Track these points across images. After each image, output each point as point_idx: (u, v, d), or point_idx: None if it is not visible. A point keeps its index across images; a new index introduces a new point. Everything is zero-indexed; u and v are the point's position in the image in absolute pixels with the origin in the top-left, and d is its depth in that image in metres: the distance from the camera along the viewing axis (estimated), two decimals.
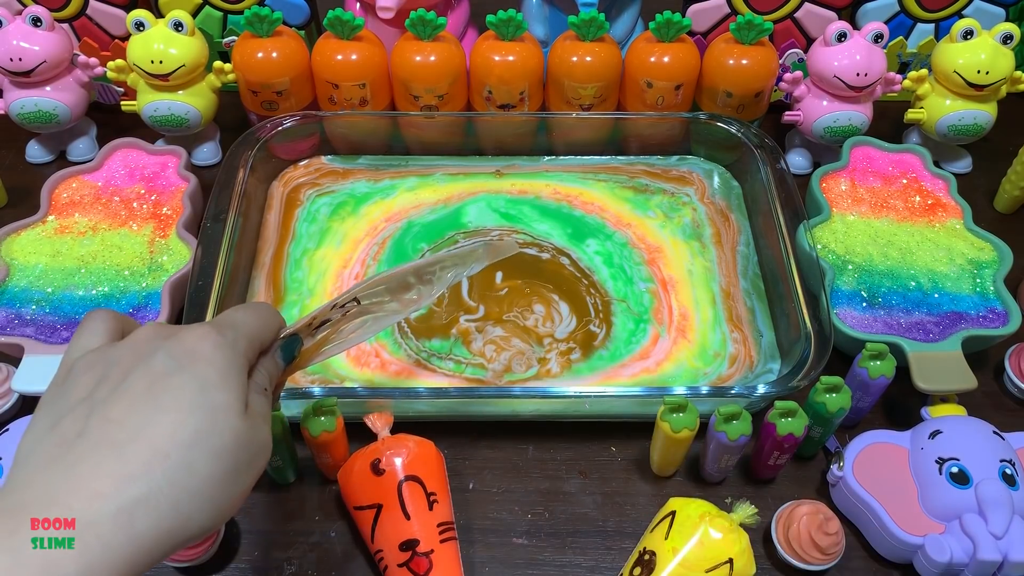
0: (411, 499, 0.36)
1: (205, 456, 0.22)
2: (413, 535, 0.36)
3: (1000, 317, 0.45)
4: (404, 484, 0.36)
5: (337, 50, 0.53)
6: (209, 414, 0.23)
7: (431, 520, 0.36)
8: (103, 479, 0.21)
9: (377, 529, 0.36)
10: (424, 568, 0.35)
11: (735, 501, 0.36)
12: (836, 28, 0.53)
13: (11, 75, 0.53)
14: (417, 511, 0.36)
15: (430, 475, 0.37)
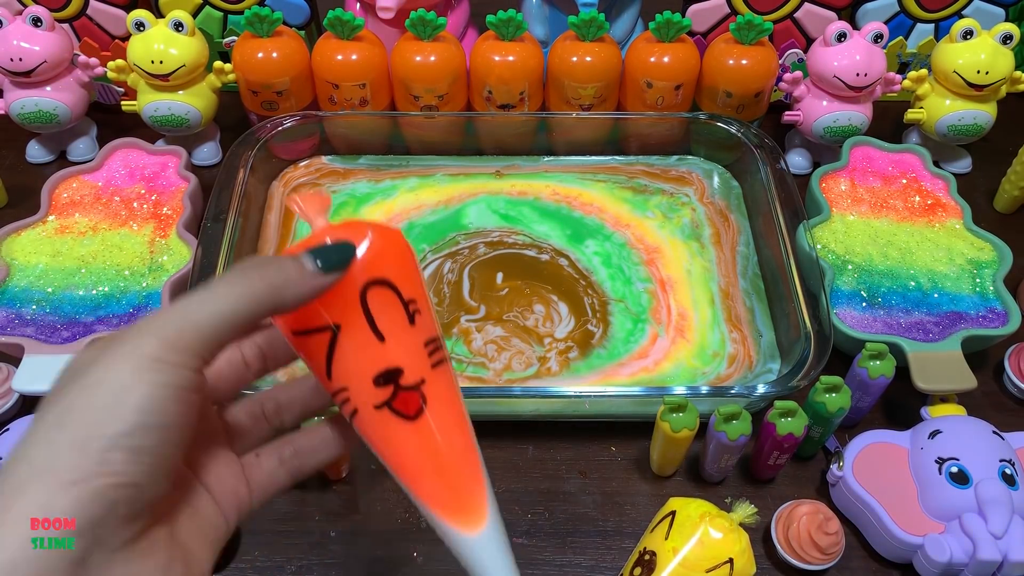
0: (383, 312, 0.23)
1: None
2: (392, 363, 0.23)
3: (1000, 317, 0.45)
4: (369, 291, 0.23)
5: (337, 50, 0.53)
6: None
7: (414, 338, 0.24)
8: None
9: (336, 360, 0.23)
10: (415, 406, 0.24)
11: (735, 501, 0.36)
12: (836, 28, 0.53)
13: (11, 75, 0.53)
14: (394, 328, 0.23)
15: (403, 275, 0.24)
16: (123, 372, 0.18)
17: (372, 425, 0.24)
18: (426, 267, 0.50)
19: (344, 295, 0.23)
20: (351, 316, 0.23)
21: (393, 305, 0.24)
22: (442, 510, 0.24)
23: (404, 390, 0.24)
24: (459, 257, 0.51)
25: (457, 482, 0.24)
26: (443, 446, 0.24)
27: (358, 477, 0.43)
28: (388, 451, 0.24)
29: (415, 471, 0.24)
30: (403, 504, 0.42)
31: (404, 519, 0.41)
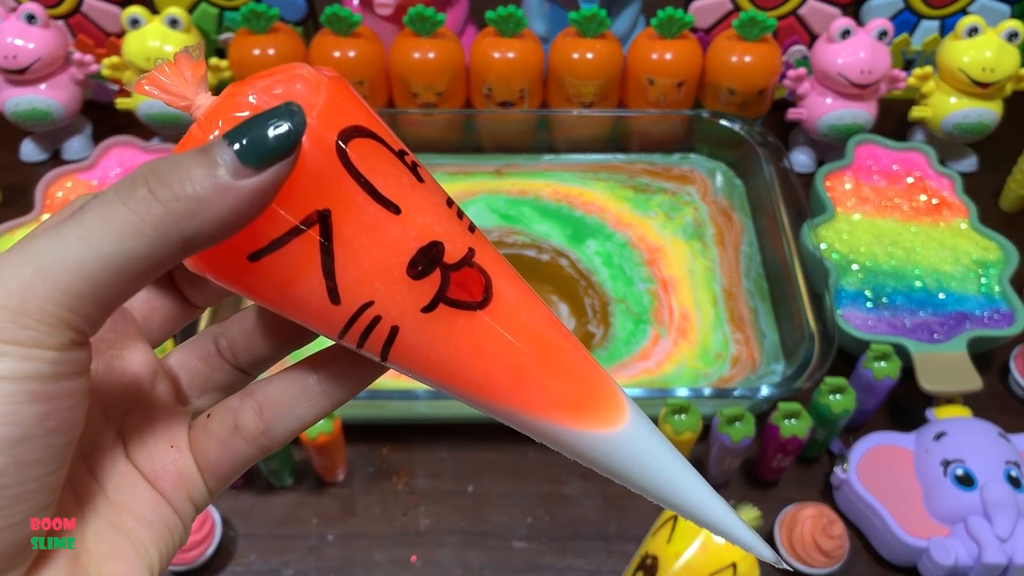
0: (379, 172, 0.15)
1: None
2: (425, 235, 0.15)
3: (1006, 317, 0.45)
4: (349, 146, 0.15)
5: (335, 47, 0.53)
6: None
7: (434, 198, 0.16)
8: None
9: (341, 266, 0.15)
10: (479, 286, 0.16)
11: (738, 504, 0.36)
12: (840, 25, 0.52)
13: (5, 73, 0.53)
14: (403, 189, 0.15)
15: (377, 122, 0.16)
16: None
17: (427, 338, 0.16)
18: None
19: (317, 163, 0.14)
20: (339, 190, 0.15)
21: (387, 160, 0.15)
22: (573, 411, 0.16)
23: (455, 269, 0.16)
24: None
25: (575, 367, 0.17)
26: (538, 327, 0.16)
27: (356, 480, 0.42)
28: (461, 366, 0.16)
29: (515, 375, 0.16)
30: (401, 507, 0.41)
31: (402, 522, 0.41)
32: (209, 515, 0.39)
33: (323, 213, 0.14)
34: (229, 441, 0.17)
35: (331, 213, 0.14)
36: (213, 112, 0.15)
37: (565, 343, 0.17)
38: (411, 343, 0.16)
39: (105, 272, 0.12)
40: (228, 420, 0.17)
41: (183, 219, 0.13)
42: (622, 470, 0.17)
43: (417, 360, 0.16)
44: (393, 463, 0.43)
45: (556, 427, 0.17)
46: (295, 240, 0.14)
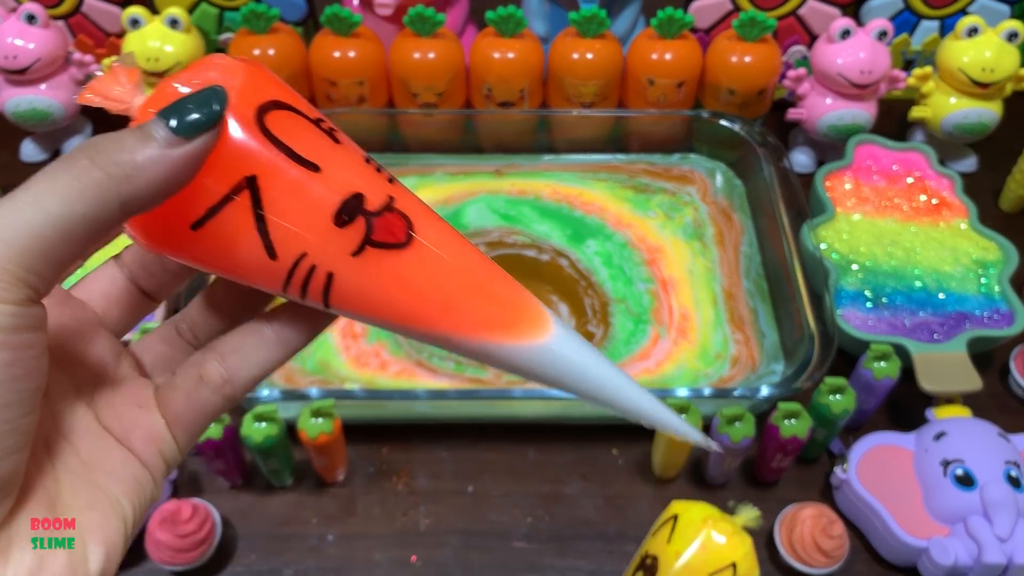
0: (297, 137, 0.17)
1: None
2: (346, 189, 0.17)
3: (1005, 317, 0.45)
4: (267, 118, 0.17)
5: (335, 47, 0.53)
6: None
7: (351, 156, 0.18)
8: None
9: (273, 225, 0.17)
10: (401, 227, 0.18)
11: (738, 504, 0.36)
12: (840, 25, 0.52)
13: (6, 73, 0.53)
14: (322, 151, 0.17)
15: (293, 95, 0.18)
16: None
17: (360, 280, 0.17)
18: None
19: (239, 136, 0.16)
20: (262, 157, 0.16)
21: (304, 127, 0.17)
22: (500, 329, 0.18)
23: (377, 215, 0.17)
24: None
25: (499, 290, 0.18)
26: (460, 258, 0.18)
27: (356, 480, 0.42)
28: (395, 301, 0.18)
29: (444, 303, 0.18)
30: (401, 507, 0.41)
31: (402, 522, 0.41)
32: (209, 515, 0.39)
33: (250, 179, 0.16)
34: (195, 392, 0.18)
35: (257, 177, 0.16)
36: (146, 105, 0.17)
37: (487, 270, 0.18)
38: (347, 287, 0.17)
39: (53, 232, 0.14)
40: (192, 373, 0.18)
41: (121, 183, 0.14)
42: (553, 375, 0.18)
43: (356, 302, 0.18)
44: (393, 463, 0.43)
45: (488, 344, 0.18)
46: (229, 205, 0.16)
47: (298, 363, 0.45)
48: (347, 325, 0.46)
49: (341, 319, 0.19)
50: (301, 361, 0.45)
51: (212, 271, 0.18)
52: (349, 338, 0.46)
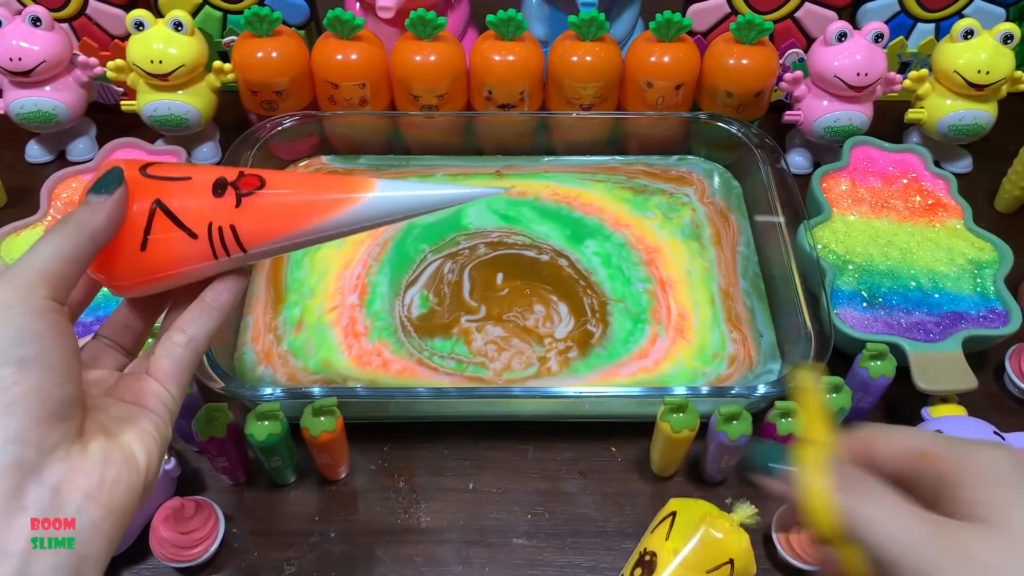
0: (170, 171, 0.28)
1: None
2: (210, 176, 0.28)
3: (1000, 317, 0.45)
4: (148, 170, 0.27)
5: (337, 50, 0.53)
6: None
7: (208, 168, 0.29)
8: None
9: (182, 214, 0.27)
10: (254, 179, 0.28)
11: (735, 501, 0.36)
12: (836, 28, 0.53)
13: (11, 75, 0.53)
14: (187, 172, 0.28)
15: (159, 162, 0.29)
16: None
17: (250, 220, 0.27)
18: (426, 268, 0.50)
19: (136, 190, 0.27)
20: (154, 187, 0.27)
21: (172, 169, 0.28)
22: (342, 204, 0.28)
23: (236, 181, 0.28)
24: (459, 257, 0.50)
25: (333, 184, 0.28)
26: (302, 182, 0.28)
27: (357, 478, 0.43)
28: (276, 222, 0.27)
29: (303, 207, 0.27)
30: (402, 505, 0.42)
31: (404, 519, 0.41)
32: (212, 512, 0.39)
33: (156, 200, 0.27)
34: (172, 354, 0.27)
35: (159, 198, 0.27)
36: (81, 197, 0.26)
37: (325, 180, 0.29)
38: (246, 228, 0.27)
39: (51, 260, 0.24)
40: (167, 344, 0.27)
41: (84, 225, 0.25)
42: (388, 211, 0.28)
43: (257, 235, 0.27)
44: (394, 461, 0.43)
45: (341, 214, 0.28)
46: (154, 221, 0.27)
47: (301, 362, 0.45)
48: (348, 325, 0.47)
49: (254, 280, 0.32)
50: (304, 360, 0.45)
51: (162, 279, 0.27)
52: (351, 337, 0.46)
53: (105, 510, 0.22)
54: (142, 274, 0.27)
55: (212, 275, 0.28)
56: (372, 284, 0.49)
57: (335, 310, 0.48)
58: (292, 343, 0.46)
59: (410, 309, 0.48)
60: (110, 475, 0.22)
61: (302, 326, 0.47)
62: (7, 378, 0.21)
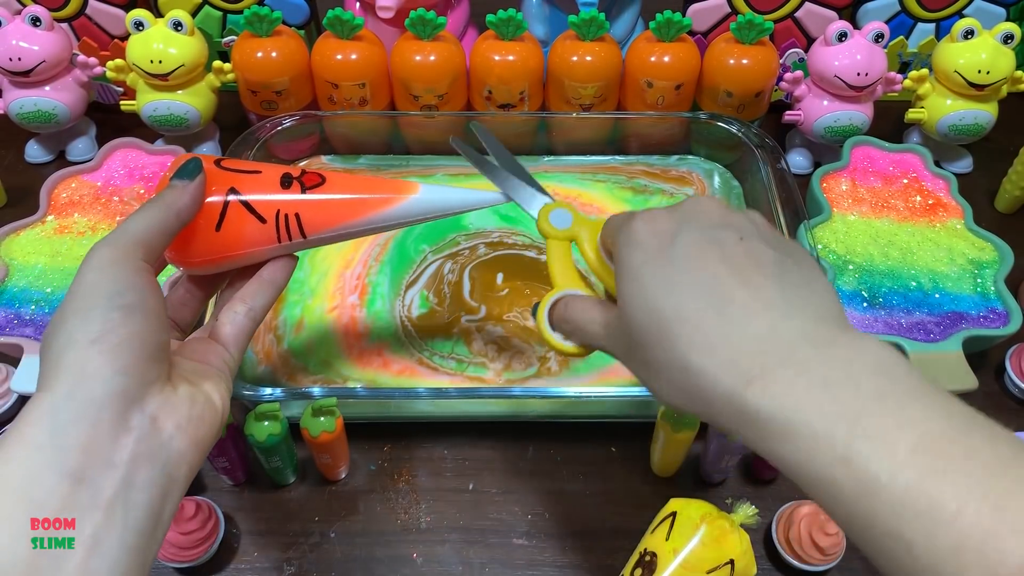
0: (242, 165, 0.32)
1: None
2: (278, 171, 0.32)
3: (1001, 317, 0.45)
4: (222, 163, 0.32)
5: (337, 50, 0.53)
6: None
7: (274, 166, 0.33)
8: None
9: (255, 204, 0.31)
10: (315, 176, 0.32)
11: (736, 501, 0.36)
12: (837, 28, 0.53)
13: (10, 75, 0.53)
14: (257, 167, 0.32)
15: (232, 160, 0.33)
16: (88, 272, 0.25)
17: (312, 209, 0.32)
18: (427, 268, 0.50)
19: (213, 179, 0.30)
20: (230, 178, 0.31)
21: (242, 163, 0.32)
22: (391, 201, 0.33)
23: (300, 177, 0.32)
24: (460, 258, 0.50)
25: (385, 185, 0.33)
26: (358, 180, 0.33)
27: (357, 478, 0.43)
28: (334, 213, 0.32)
29: (358, 202, 0.32)
30: (402, 505, 0.42)
31: (403, 520, 0.41)
32: (213, 512, 0.39)
33: (231, 188, 0.31)
34: (234, 321, 0.31)
35: (234, 186, 0.31)
36: (164, 179, 0.30)
37: (377, 180, 0.34)
38: (308, 217, 0.32)
39: (145, 230, 0.27)
40: (228, 312, 0.31)
41: (171, 204, 0.29)
42: (430, 208, 0.33)
43: (317, 223, 0.32)
44: (395, 461, 0.43)
45: (389, 210, 0.33)
46: (229, 207, 0.31)
47: (301, 362, 0.45)
48: (349, 325, 0.47)
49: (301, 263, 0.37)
50: (304, 360, 0.45)
51: (230, 258, 0.31)
52: (351, 337, 0.46)
53: (191, 441, 0.25)
54: (214, 252, 0.31)
55: (270, 257, 0.32)
56: (372, 284, 0.49)
57: (335, 310, 0.48)
58: (292, 343, 0.46)
59: (410, 309, 0.48)
60: (196, 412, 0.26)
61: (302, 326, 0.47)
62: (115, 320, 0.24)
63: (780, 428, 0.21)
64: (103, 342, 0.23)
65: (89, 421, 0.22)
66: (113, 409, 0.23)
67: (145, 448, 0.23)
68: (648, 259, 0.25)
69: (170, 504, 0.24)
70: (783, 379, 0.22)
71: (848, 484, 0.20)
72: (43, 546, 0.21)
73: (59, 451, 0.22)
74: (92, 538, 0.22)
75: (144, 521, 0.23)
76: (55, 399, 0.23)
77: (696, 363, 0.23)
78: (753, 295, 0.23)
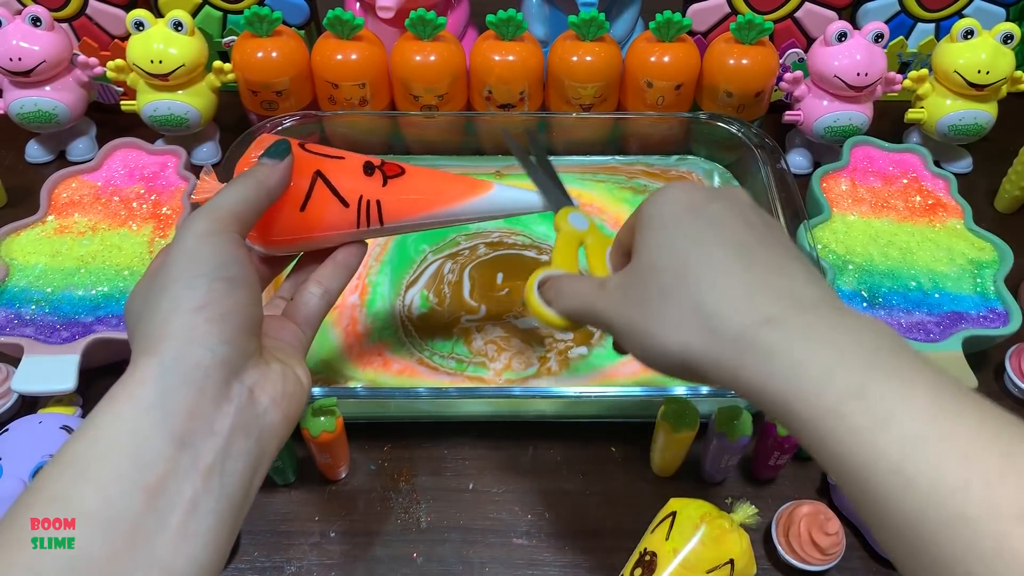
0: (322, 149, 0.33)
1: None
2: (360, 159, 0.33)
3: (1000, 317, 0.45)
4: (307, 147, 0.32)
5: (337, 50, 0.53)
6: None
7: (354, 154, 0.34)
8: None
9: (339, 186, 0.32)
10: (396, 166, 0.33)
11: (735, 501, 0.36)
12: (836, 28, 0.53)
13: (11, 75, 0.53)
14: (340, 153, 0.33)
15: (310, 142, 0.34)
16: (190, 240, 0.25)
17: (392, 198, 0.32)
18: (427, 268, 0.50)
19: (299, 161, 0.31)
20: (316, 161, 0.32)
21: (324, 148, 0.33)
22: (467, 194, 0.34)
23: (381, 166, 0.33)
24: (460, 257, 0.50)
25: (460, 180, 0.34)
26: (435, 173, 0.34)
27: (357, 478, 0.43)
28: (413, 202, 0.33)
29: (436, 192, 0.33)
30: (403, 504, 0.42)
31: (404, 519, 0.41)
32: None
33: (317, 171, 0.32)
34: (310, 303, 0.32)
35: (320, 170, 0.32)
36: (238, 169, 0.32)
37: (452, 175, 0.35)
38: (388, 205, 0.33)
39: (239, 204, 0.27)
40: (304, 293, 0.32)
41: (262, 181, 0.29)
42: (500, 206, 0.35)
43: (395, 212, 0.33)
44: (395, 461, 0.43)
45: (466, 203, 0.34)
46: (315, 188, 0.31)
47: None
48: (349, 325, 0.47)
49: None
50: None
51: (310, 239, 0.32)
52: (352, 337, 0.46)
53: (283, 416, 0.25)
54: (296, 231, 0.31)
55: (342, 243, 0.33)
56: (373, 284, 0.49)
57: (336, 310, 0.48)
58: None
59: (410, 309, 0.48)
60: (288, 388, 0.26)
61: None
62: (220, 290, 0.24)
63: (792, 362, 0.22)
64: (208, 310, 0.24)
65: (196, 386, 0.23)
66: (218, 377, 0.23)
67: (242, 419, 0.24)
68: (680, 214, 0.26)
69: (258, 477, 0.24)
70: (803, 323, 0.22)
71: (857, 418, 0.20)
72: (149, 507, 0.21)
73: (167, 414, 0.22)
74: (191, 502, 0.22)
75: (237, 490, 0.23)
76: (163, 361, 0.23)
77: (711, 303, 0.24)
78: (778, 261, 0.25)
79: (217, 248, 0.25)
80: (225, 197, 0.27)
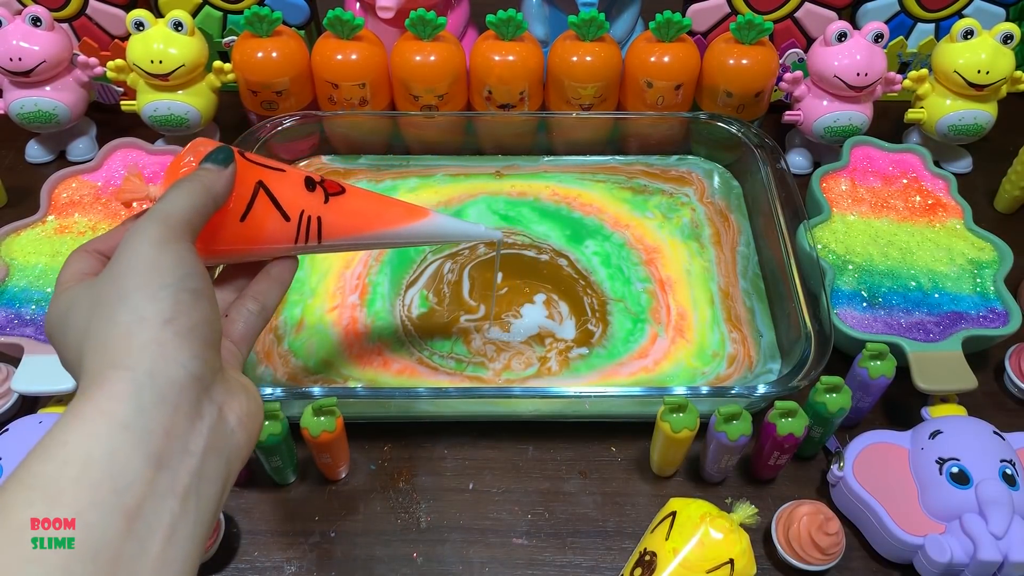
0: (265, 161, 0.31)
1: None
2: (303, 176, 0.32)
3: (1000, 317, 0.45)
4: (247, 156, 0.31)
5: (337, 50, 0.53)
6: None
7: (298, 170, 0.33)
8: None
9: (280, 198, 0.30)
10: (336, 184, 0.33)
11: (735, 501, 0.36)
12: (836, 28, 0.53)
13: (11, 75, 0.53)
14: (280, 165, 0.32)
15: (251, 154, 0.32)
16: (145, 247, 0.24)
17: (333, 215, 0.32)
18: (427, 268, 0.50)
19: (240, 168, 0.30)
20: (257, 171, 0.30)
21: (262, 159, 0.31)
22: (404, 219, 0.35)
23: (323, 182, 0.33)
24: (459, 257, 0.51)
25: (398, 205, 0.35)
26: (374, 196, 0.35)
27: (357, 478, 0.43)
28: (352, 222, 0.33)
29: (374, 214, 0.34)
30: (403, 504, 0.42)
31: (403, 519, 0.41)
32: None
33: (259, 182, 0.30)
34: (246, 320, 0.30)
35: (262, 180, 0.30)
36: (168, 172, 0.30)
37: (390, 199, 0.35)
38: (328, 222, 0.32)
39: (190, 211, 0.26)
40: (241, 310, 0.30)
41: (211, 186, 0.27)
42: (434, 233, 0.36)
43: (334, 230, 0.32)
44: (395, 461, 0.43)
45: (401, 228, 0.35)
46: (256, 199, 0.30)
47: (301, 362, 0.45)
48: (350, 325, 0.47)
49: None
50: (304, 360, 0.45)
51: (247, 251, 0.31)
52: (352, 337, 0.46)
53: (247, 436, 0.25)
54: (234, 242, 0.30)
55: (276, 256, 0.32)
56: (372, 284, 0.49)
57: (336, 310, 0.48)
58: (293, 343, 0.46)
59: (410, 309, 0.48)
60: (252, 407, 0.25)
61: (303, 326, 0.47)
62: (186, 302, 0.23)
63: None
64: (176, 324, 0.23)
65: (171, 404, 0.22)
66: (191, 394, 0.22)
67: (214, 438, 0.23)
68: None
69: (223, 499, 0.24)
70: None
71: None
72: (129, 533, 0.20)
73: (144, 433, 0.21)
74: (170, 527, 0.21)
75: (209, 514, 0.22)
76: (137, 377, 0.21)
77: None
78: None
79: (179, 257, 0.24)
80: (175, 204, 0.25)
